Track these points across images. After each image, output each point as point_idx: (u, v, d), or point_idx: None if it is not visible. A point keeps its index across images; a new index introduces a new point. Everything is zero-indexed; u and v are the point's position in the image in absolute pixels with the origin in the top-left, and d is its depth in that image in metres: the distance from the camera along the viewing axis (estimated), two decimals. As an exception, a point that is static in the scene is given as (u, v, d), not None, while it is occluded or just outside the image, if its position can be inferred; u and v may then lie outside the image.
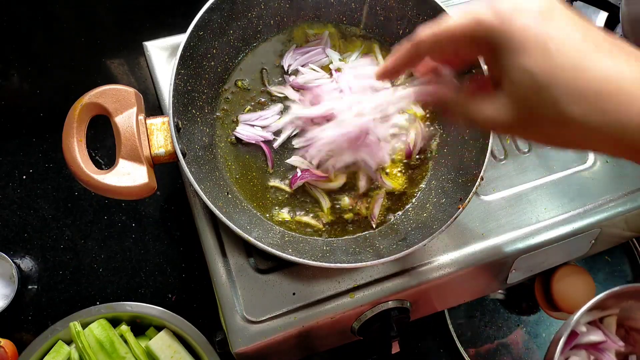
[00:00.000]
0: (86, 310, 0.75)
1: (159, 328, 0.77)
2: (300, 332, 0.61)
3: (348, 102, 0.59)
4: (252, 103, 0.68)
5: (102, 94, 0.54)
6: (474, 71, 0.58)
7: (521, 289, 0.91)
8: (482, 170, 0.59)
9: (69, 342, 0.75)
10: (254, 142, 0.66)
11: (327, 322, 0.61)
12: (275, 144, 0.66)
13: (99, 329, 0.73)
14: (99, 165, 0.89)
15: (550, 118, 0.34)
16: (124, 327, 0.75)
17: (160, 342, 0.75)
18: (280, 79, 0.69)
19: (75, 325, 0.72)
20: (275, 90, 0.68)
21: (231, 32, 0.65)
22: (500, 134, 0.71)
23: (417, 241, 0.56)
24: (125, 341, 0.75)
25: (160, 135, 0.55)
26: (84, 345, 0.72)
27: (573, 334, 0.79)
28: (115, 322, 0.77)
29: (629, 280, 0.96)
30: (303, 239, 0.63)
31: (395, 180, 0.67)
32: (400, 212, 0.66)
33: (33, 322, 0.83)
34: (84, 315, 0.74)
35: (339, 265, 0.56)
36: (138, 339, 0.76)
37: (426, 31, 0.40)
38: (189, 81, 0.60)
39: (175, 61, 0.57)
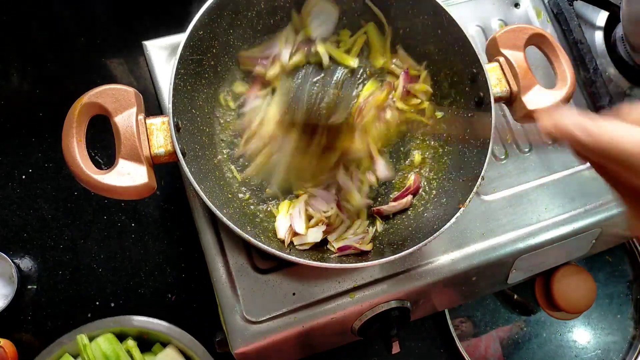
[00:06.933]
0: (93, 323, 0.75)
1: (164, 344, 0.77)
2: (300, 332, 0.61)
3: None
4: (252, 103, 0.68)
5: (102, 94, 0.54)
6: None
7: (521, 289, 0.91)
8: (483, 170, 0.58)
9: (75, 355, 0.75)
10: None
11: (327, 322, 0.61)
12: None
13: (105, 343, 0.73)
14: (99, 165, 0.89)
15: None
16: (131, 343, 0.75)
17: (166, 359, 0.74)
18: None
19: (82, 338, 0.73)
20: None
21: (231, 31, 0.65)
22: None
23: (417, 241, 0.56)
24: (132, 356, 0.75)
25: (160, 135, 0.55)
26: (90, 358, 0.72)
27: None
28: (122, 337, 0.77)
29: (630, 280, 0.95)
30: (303, 239, 0.63)
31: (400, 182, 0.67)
32: (400, 212, 0.66)
33: (32, 322, 0.83)
34: (91, 329, 0.74)
35: (339, 265, 0.55)
36: (144, 354, 0.76)
37: None
38: (189, 81, 0.60)
39: (175, 61, 0.57)
